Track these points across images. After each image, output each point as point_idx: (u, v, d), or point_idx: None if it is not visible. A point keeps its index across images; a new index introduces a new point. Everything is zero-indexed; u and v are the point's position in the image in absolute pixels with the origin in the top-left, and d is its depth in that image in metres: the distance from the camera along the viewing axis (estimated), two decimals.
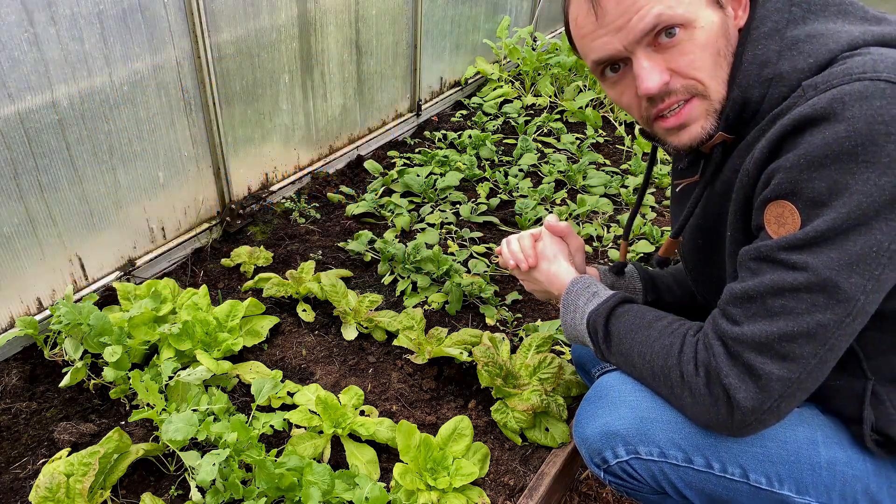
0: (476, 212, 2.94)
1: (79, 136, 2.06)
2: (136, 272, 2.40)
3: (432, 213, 2.92)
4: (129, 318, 1.96)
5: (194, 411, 1.62)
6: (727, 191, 1.17)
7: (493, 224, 2.89)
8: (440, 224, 2.85)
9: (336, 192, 3.05)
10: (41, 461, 1.77)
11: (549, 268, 1.48)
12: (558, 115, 3.86)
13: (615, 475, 1.29)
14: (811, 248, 0.98)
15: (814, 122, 0.97)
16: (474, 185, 3.17)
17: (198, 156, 2.50)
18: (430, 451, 1.73)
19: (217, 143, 2.53)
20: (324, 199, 3.00)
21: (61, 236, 2.13)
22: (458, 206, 2.98)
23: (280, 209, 2.87)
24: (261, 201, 2.84)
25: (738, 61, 1.11)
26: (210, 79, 2.39)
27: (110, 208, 2.25)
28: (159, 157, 2.35)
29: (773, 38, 1.08)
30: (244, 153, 2.71)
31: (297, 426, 1.84)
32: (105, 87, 2.08)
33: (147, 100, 2.23)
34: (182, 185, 2.49)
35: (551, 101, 4.00)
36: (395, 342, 2.13)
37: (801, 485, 1.16)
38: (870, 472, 1.15)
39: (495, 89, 4.07)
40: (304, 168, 3.07)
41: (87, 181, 2.14)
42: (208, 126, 2.48)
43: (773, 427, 1.15)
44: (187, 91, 2.35)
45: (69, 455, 1.61)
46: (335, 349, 2.19)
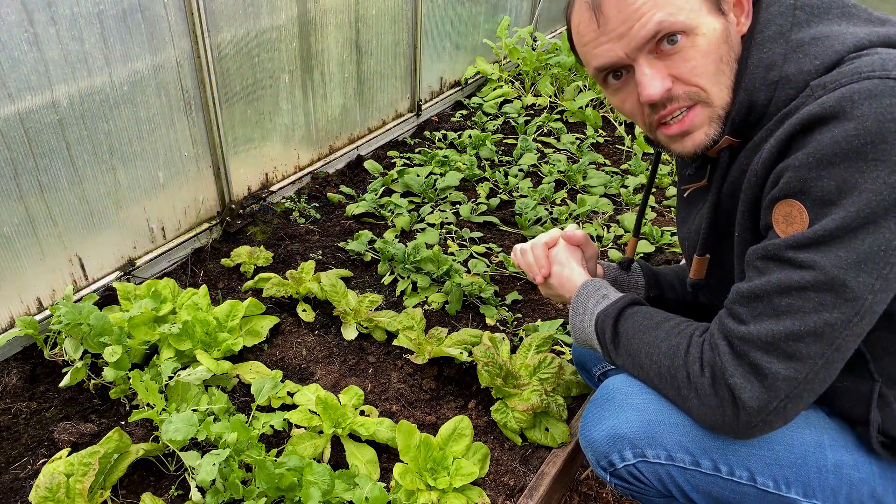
0: (476, 212, 2.94)
1: (79, 136, 2.06)
2: (136, 272, 2.40)
3: (432, 213, 2.92)
4: (129, 318, 1.96)
5: (194, 411, 1.62)
6: (735, 192, 1.16)
7: (493, 224, 2.88)
8: (440, 224, 2.85)
9: (336, 192, 3.05)
10: (41, 461, 1.77)
11: (561, 272, 1.48)
12: (558, 115, 3.86)
13: (622, 478, 1.28)
14: (819, 247, 0.98)
15: (823, 121, 0.97)
16: (474, 185, 3.17)
17: (198, 156, 2.50)
18: (430, 451, 1.73)
19: (217, 143, 2.53)
20: (324, 199, 3.00)
21: (61, 236, 2.13)
22: (458, 206, 2.98)
23: (280, 209, 2.87)
24: (261, 201, 2.83)
25: (742, 66, 1.10)
26: (210, 79, 2.39)
27: (110, 208, 2.25)
28: (159, 157, 2.35)
29: (778, 41, 1.08)
30: (244, 153, 2.71)
31: (297, 426, 1.84)
32: (105, 86, 2.08)
33: (147, 100, 2.23)
34: (182, 185, 2.49)
35: (551, 101, 4.00)
36: (395, 342, 2.13)
37: (808, 488, 1.16)
38: (876, 476, 1.15)
39: (495, 89, 4.06)
40: (304, 168, 3.07)
41: (87, 181, 2.14)
42: (208, 126, 2.48)
43: (780, 430, 1.15)
44: (187, 91, 2.35)
45: (69, 455, 1.61)
46: (335, 349, 2.19)
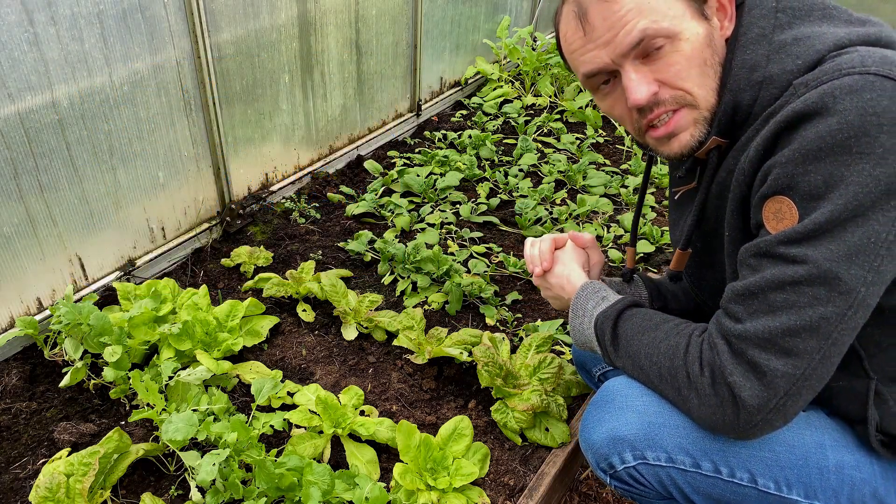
0: (476, 212, 2.94)
1: (79, 135, 2.06)
2: (136, 272, 2.40)
3: (432, 213, 2.92)
4: (129, 318, 1.96)
5: (194, 411, 1.62)
6: (723, 192, 1.18)
7: (493, 224, 2.88)
8: (440, 224, 2.85)
9: (336, 192, 3.05)
10: (41, 461, 1.77)
11: (562, 271, 1.48)
12: (558, 115, 3.86)
13: (622, 480, 1.28)
14: (810, 241, 0.99)
15: (807, 118, 0.98)
16: (474, 185, 3.17)
17: (198, 156, 2.50)
18: (430, 451, 1.73)
19: (217, 143, 2.53)
20: (324, 199, 3.00)
21: (61, 236, 2.13)
22: (458, 206, 2.98)
23: (280, 209, 2.87)
24: (261, 201, 2.83)
25: (727, 69, 1.13)
26: (210, 79, 2.39)
27: (110, 208, 2.25)
28: (159, 157, 2.35)
29: (761, 43, 1.10)
30: (244, 153, 2.71)
31: (297, 426, 1.84)
32: (105, 87, 2.08)
33: (147, 100, 2.23)
34: (182, 185, 2.49)
35: (551, 101, 4.00)
36: (395, 342, 2.13)
37: (809, 489, 1.16)
38: (877, 475, 1.15)
39: (495, 89, 4.06)
40: (304, 168, 3.07)
41: (87, 181, 2.14)
42: (208, 126, 2.48)
43: (780, 431, 1.15)
44: (187, 91, 2.35)
45: (69, 455, 1.61)
46: (335, 349, 2.19)
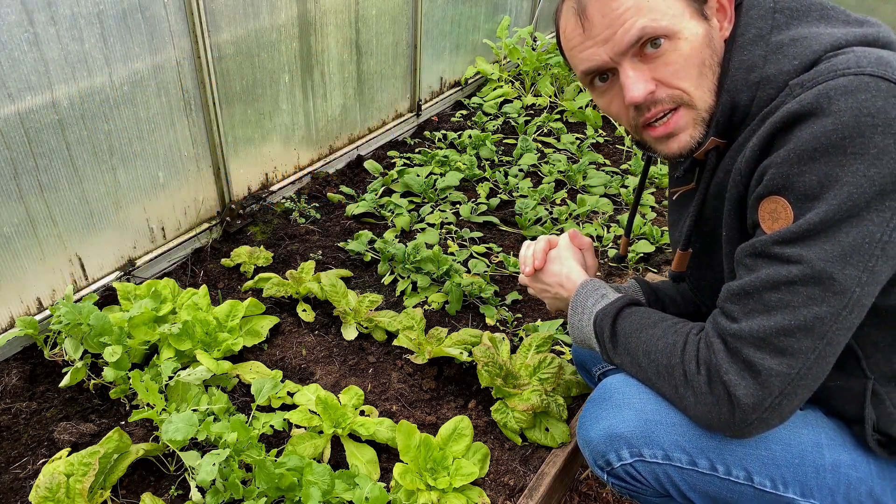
0: (476, 212, 2.94)
1: (79, 136, 2.06)
2: (136, 272, 2.40)
3: (432, 213, 2.92)
4: (129, 318, 1.96)
5: (194, 411, 1.62)
6: (721, 192, 1.18)
7: (493, 224, 2.89)
8: (440, 224, 2.85)
9: (336, 192, 3.05)
10: (41, 461, 1.77)
11: (559, 270, 1.47)
12: (558, 115, 3.86)
13: (619, 477, 1.29)
14: (805, 241, 0.99)
15: (802, 118, 0.99)
16: (474, 185, 3.17)
17: (198, 156, 2.50)
18: (430, 451, 1.73)
19: (217, 143, 2.53)
20: (324, 199, 3.00)
21: (61, 236, 2.13)
22: (458, 206, 2.98)
23: (280, 209, 2.87)
24: (261, 201, 2.83)
25: (725, 69, 1.13)
26: (210, 79, 2.39)
27: (110, 208, 2.25)
28: (159, 157, 2.35)
29: (759, 43, 1.11)
30: (244, 153, 2.71)
31: (297, 426, 1.84)
32: (105, 87, 2.08)
33: (147, 100, 2.23)
34: (182, 185, 2.49)
35: (551, 101, 4.00)
36: (395, 342, 2.13)
37: (805, 488, 1.16)
38: (874, 475, 1.15)
39: (495, 89, 4.06)
40: (304, 168, 3.07)
41: (87, 181, 2.14)
42: (208, 126, 2.48)
43: (777, 429, 1.15)
44: (187, 91, 2.35)
45: (69, 455, 1.61)
46: (335, 349, 2.19)
